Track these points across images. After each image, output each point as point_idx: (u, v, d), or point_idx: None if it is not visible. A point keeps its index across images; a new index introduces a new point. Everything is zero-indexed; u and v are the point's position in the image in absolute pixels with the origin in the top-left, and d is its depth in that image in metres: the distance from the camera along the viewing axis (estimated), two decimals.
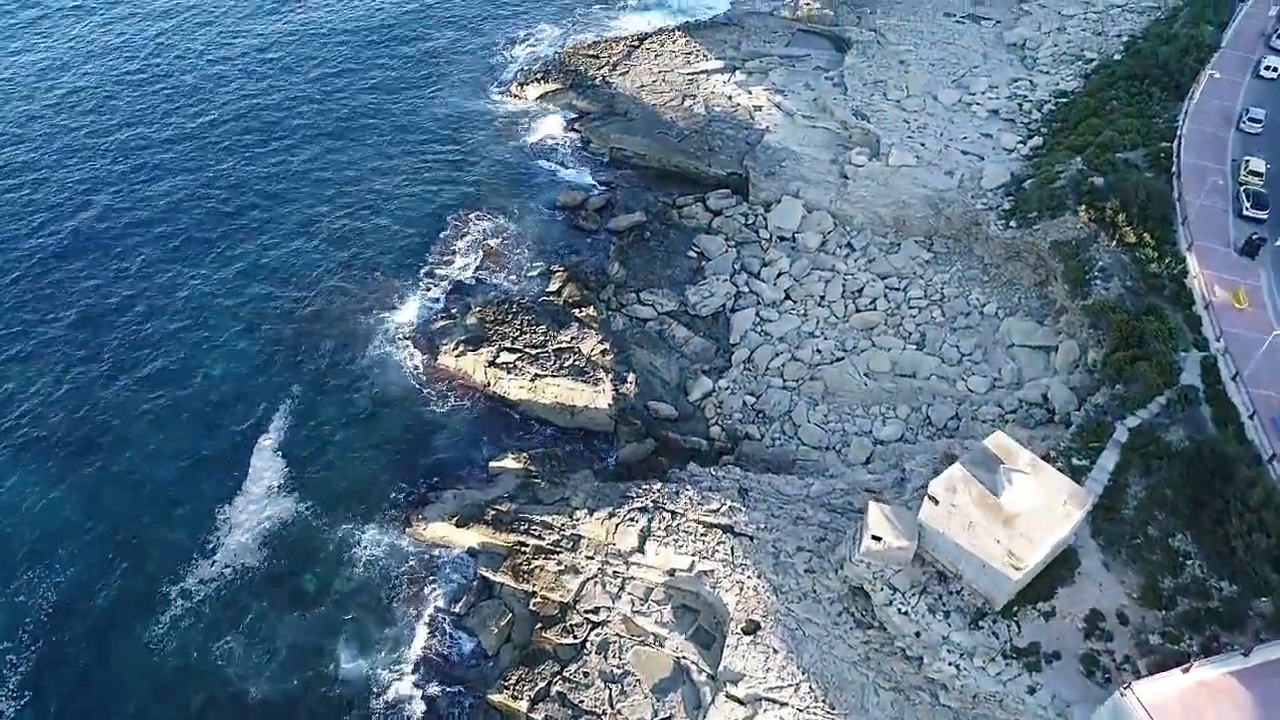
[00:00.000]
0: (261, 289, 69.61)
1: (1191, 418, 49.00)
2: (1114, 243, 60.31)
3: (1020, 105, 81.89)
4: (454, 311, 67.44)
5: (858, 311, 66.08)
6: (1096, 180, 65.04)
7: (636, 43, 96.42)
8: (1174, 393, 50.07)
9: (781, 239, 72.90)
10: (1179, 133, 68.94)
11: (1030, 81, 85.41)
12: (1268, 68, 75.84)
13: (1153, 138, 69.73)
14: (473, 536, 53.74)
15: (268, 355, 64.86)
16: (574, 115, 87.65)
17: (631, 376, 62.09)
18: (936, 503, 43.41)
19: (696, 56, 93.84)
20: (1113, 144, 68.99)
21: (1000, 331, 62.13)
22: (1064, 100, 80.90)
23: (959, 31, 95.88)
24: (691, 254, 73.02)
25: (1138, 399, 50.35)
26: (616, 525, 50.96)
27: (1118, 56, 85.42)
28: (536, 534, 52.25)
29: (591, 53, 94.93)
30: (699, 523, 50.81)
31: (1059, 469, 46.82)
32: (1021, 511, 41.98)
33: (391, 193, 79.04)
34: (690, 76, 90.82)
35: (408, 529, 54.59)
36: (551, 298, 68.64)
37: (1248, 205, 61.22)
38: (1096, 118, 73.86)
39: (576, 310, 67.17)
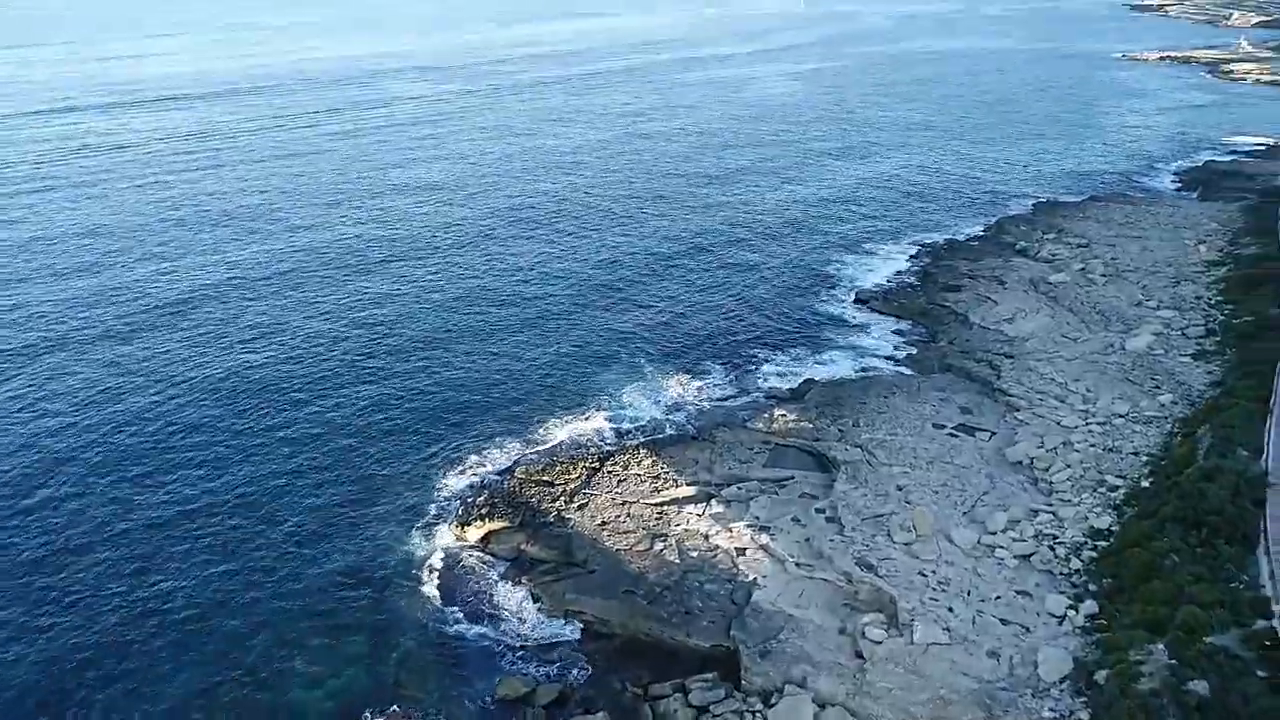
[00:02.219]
0: None
1: None
2: None
3: (1053, 550, 69.05)
4: None
5: None
6: (1198, 687, 49.98)
7: (596, 465, 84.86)
8: None
9: None
10: (1276, 610, 55.63)
11: (1054, 515, 73.58)
12: None
13: (1243, 612, 56.13)
14: None
15: None
16: (522, 565, 72.95)
17: None
18: None
19: (665, 482, 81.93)
20: (1198, 624, 55.04)
21: None
22: (1104, 544, 68.56)
23: (954, 447, 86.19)
24: None
25: None
26: None
27: (1145, 484, 75.19)
28: None
29: (545, 478, 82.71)
30: None
31: None
32: None
33: (282, 685, 61.05)
34: (659, 509, 78.05)
35: None
36: None
37: None
38: (1159, 579, 60.73)
39: None
